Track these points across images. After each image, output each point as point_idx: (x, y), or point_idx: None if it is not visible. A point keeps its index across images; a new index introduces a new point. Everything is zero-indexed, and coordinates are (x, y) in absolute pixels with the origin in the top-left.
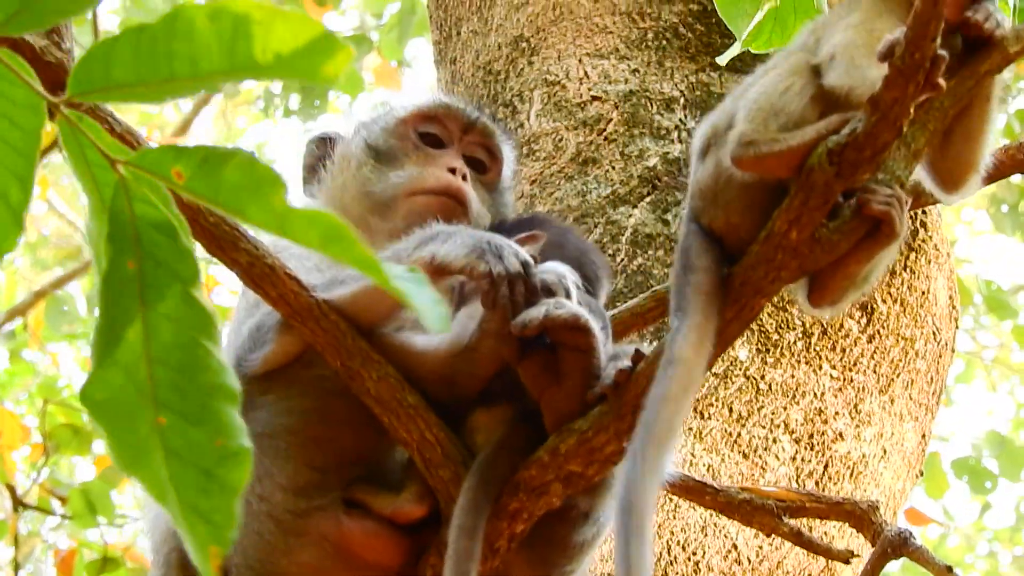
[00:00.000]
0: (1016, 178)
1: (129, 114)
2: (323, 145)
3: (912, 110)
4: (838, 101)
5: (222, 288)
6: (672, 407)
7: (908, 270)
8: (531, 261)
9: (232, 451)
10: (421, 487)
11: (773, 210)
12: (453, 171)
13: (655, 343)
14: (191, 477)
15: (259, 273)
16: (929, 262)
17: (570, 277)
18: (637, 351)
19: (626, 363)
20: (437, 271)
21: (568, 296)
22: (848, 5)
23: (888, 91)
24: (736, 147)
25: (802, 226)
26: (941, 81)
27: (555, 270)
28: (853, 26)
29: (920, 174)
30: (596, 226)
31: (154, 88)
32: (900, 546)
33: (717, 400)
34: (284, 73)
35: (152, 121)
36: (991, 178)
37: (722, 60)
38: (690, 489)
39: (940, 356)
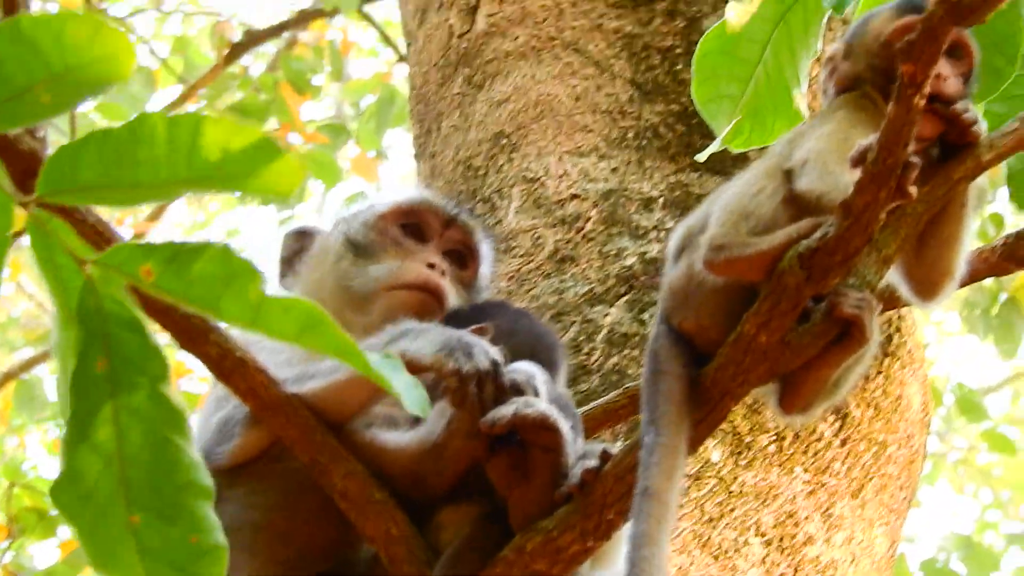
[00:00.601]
0: (988, 281)
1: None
2: (301, 238)
3: (883, 216)
4: (809, 205)
5: (192, 376)
6: (653, 547)
7: (882, 375)
8: (500, 360)
9: (207, 548)
10: None
11: (743, 313)
12: (432, 266)
13: (624, 442)
14: (167, 575)
15: (229, 366)
16: (903, 367)
17: (540, 376)
18: (604, 451)
19: (593, 463)
20: (407, 368)
21: (537, 395)
22: (823, 115)
23: (860, 196)
24: (707, 251)
25: (772, 329)
26: (912, 188)
27: (525, 369)
28: (827, 135)
29: (895, 281)
30: (572, 324)
31: (120, 193)
32: None
33: (689, 501)
34: (239, 186)
35: (126, 209)
36: (964, 282)
37: (701, 157)
38: None
39: (912, 461)
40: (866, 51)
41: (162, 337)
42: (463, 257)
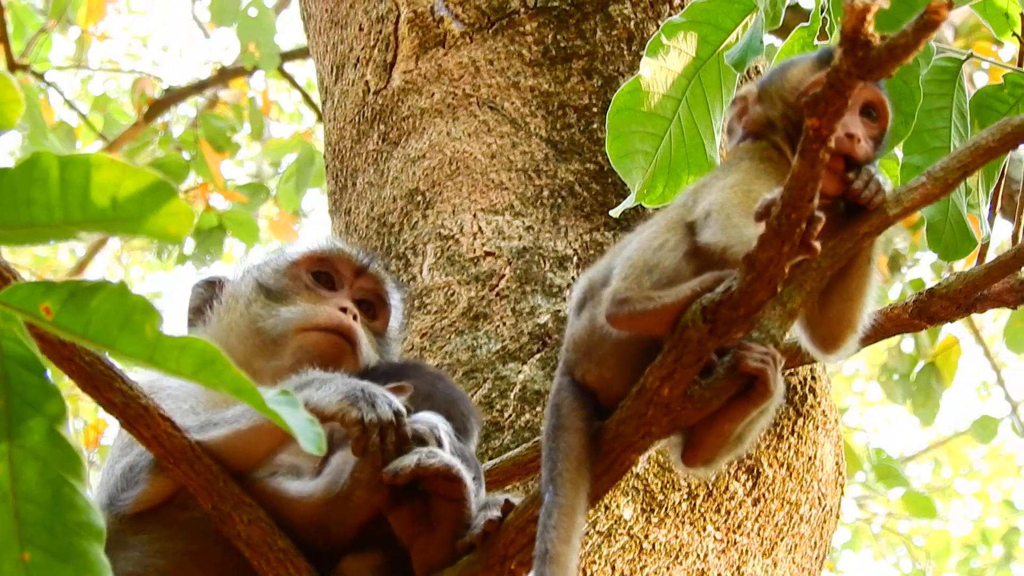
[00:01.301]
0: (907, 347)
1: (22, 256)
2: (210, 288)
3: (787, 270)
4: (713, 258)
5: (111, 430)
6: None
7: (795, 435)
8: (403, 410)
9: None
10: None
11: (646, 366)
12: (344, 310)
13: (526, 493)
14: None
15: (133, 414)
16: (817, 428)
17: (442, 427)
18: (507, 501)
19: (496, 513)
20: None
21: (440, 445)
22: (727, 167)
23: (763, 250)
24: (610, 305)
25: (675, 383)
26: (816, 243)
27: (427, 420)
28: (730, 186)
29: (797, 332)
30: (485, 381)
31: (17, 232)
32: None
33: (600, 558)
34: (129, 228)
35: (45, 264)
36: (874, 338)
37: (614, 213)
38: None
39: (825, 521)
40: (782, 98)
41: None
42: (373, 307)
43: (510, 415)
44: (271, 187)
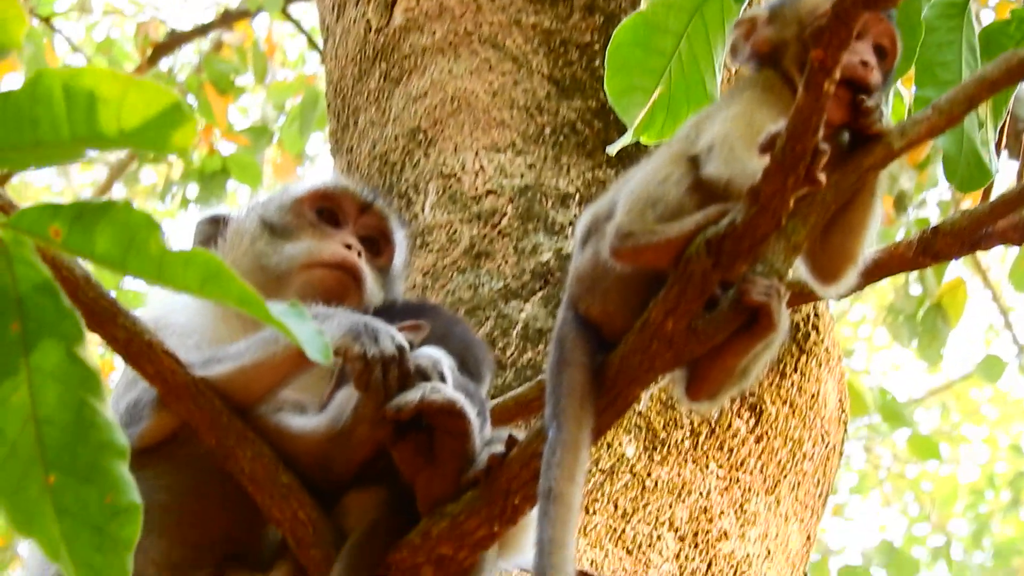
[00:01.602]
0: (914, 290)
1: (27, 202)
2: (214, 225)
3: (792, 203)
4: (716, 192)
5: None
6: (561, 552)
7: (798, 372)
8: (407, 345)
9: (123, 507)
10: (291, 567)
11: (650, 299)
12: (349, 247)
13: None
14: (83, 535)
15: (136, 350)
16: (820, 365)
17: (445, 362)
18: (511, 436)
19: (499, 448)
20: None
21: (443, 380)
22: (728, 97)
23: (768, 183)
24: (614, 239)
25: (678, 316)
26: (821, 176)
27: (430, 355)
28: (732, 118)
29: (797, 265)
30: (487, 319)
31: (24, 154)
32: None
33: (602, 496)
34: (135, 142)
35: None
36: (878, 276)
37: (612, 150)
38: None
39: (828, 459)
40: (798, 21)
41: None
42: (377, 244)
43: (512, 353)
44: (275, 131)
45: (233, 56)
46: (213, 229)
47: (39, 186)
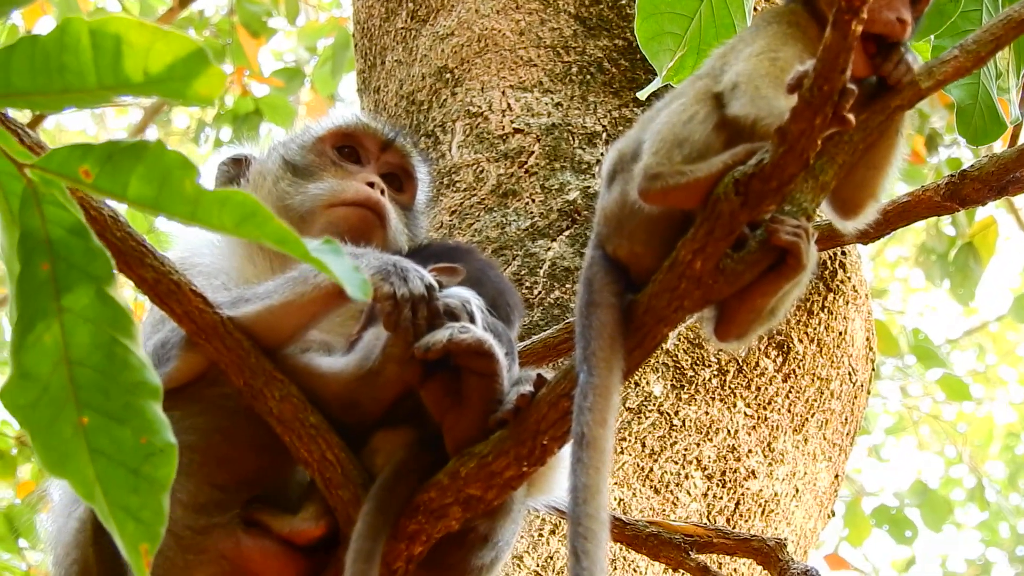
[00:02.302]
0: (947, 230)
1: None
2: (236, 165)
3: (820, 143)
4: (743, 131)
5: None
6: (596, 498)
7: (825, 310)
8: (436, 285)
9: (158, 448)
10: (319, 507)
11: (678, 240)
12: (372, 185)
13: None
14: (118, 475)
15: (165, 290)
16: (847, 303)
17: (474, 302)
18: (539, 376)
19: (528, 389)
20: (341, 291)
21: (472, 320)
22: (752, 33)
23: (795, 123)
24: (642, 180)
25: (707, 256)
26: (850, 115)
27: (459, 295)
28: (756, 54)
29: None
30: (514, 258)
31: (51, 98)
32: None
33: (630, 435)
34: (161, 91)
35: None
36: (905, 221)
37: (642, 95)
38: None
39: (855, 397)
40: None
41: None
42: (399, 180)
43: (540, 292)
44: (307, 72)
45: None
46: (236, 169)
47: (73, 130)
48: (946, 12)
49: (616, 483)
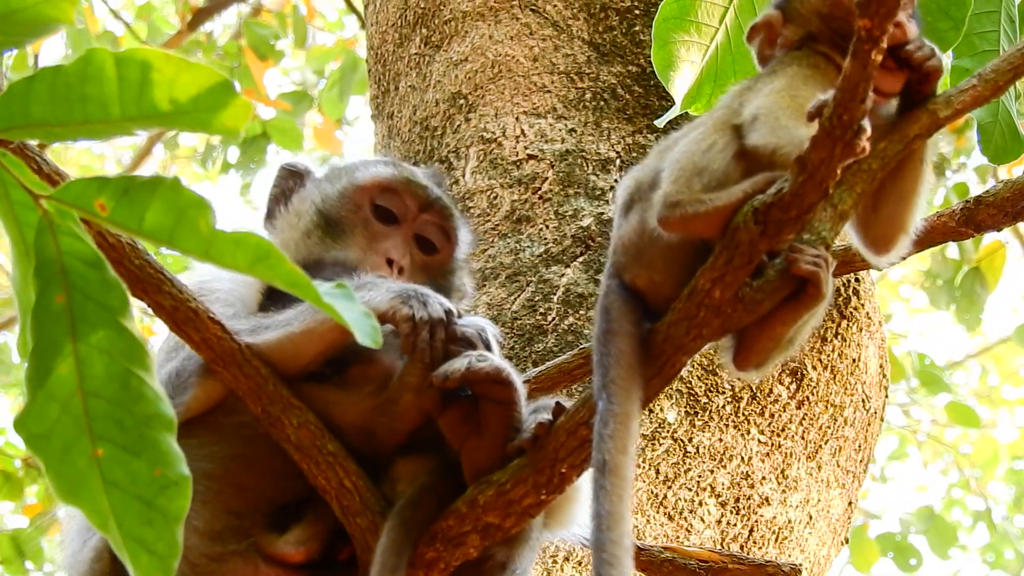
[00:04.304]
0: (952, 253)
1: (70, 167)
2: (291, 179)
3: (839, 172)
4: (762, 160)
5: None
6: (619, 525)
7: (839, 337)
8: (454, 311)
9: (172, 480)
10: (304, 531)
11: (697, 268)
12: (391, 262)
13: (577, 395)
14: (132, 507)
15: (183, 317)
16: (860, 330)
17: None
18: (558, 404)
19: (546, 416)
20: None
21: (488, 348)
22: (772, 71)
23: (815, 152)
24: (662, 208)
25: (726, 284)
26: (866, 145)
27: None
28: (777, 91)
29: (849, 235)
30: (528, 284)
31: (72, 129)
32: None
33: (644, 461)
34: (186, 123)
35: (90, 172)
36: (920, 246)
37: (660, 123)
38: None
39: (869, 424)
40: (815, 12)
41: None
42: (435, 242)
43: (553, 318)
44: (315, 95)
45: (273, 21)
46: (289, 184)
47: (79, 148)
48: (947, 39)
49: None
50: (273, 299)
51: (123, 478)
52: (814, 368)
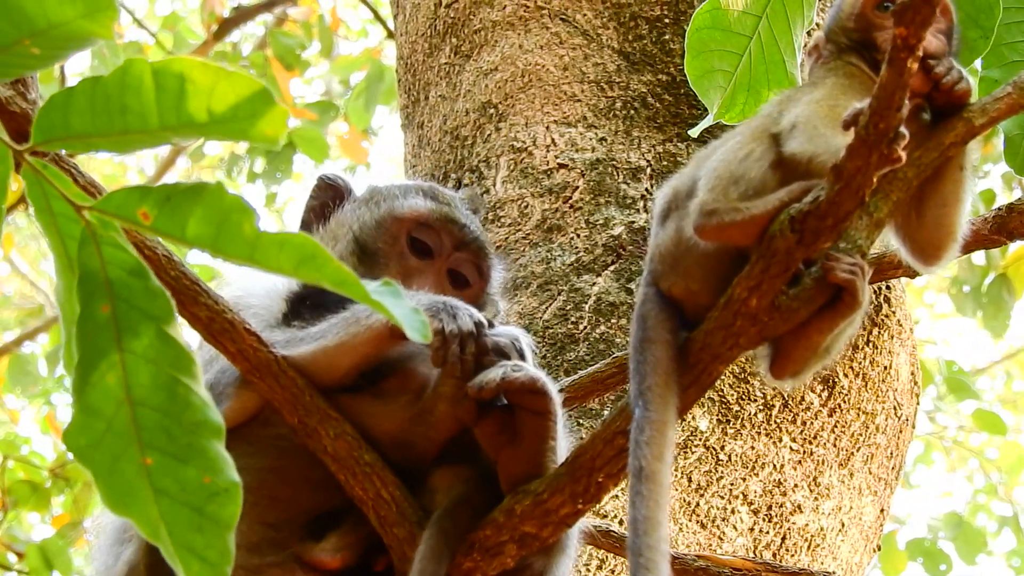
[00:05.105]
0: (978, 259)
1: (90, 172)
2: (328, 192)
3: (875, 180)
4: (799, 169)
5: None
6: (656, 531)
7: (871, 345)
8: (484, 322)
9: (222, 487)
10: (340, 539)
11: (733, 277)
12: None
13: (611, 408)
14: (182, 515)
15: (219, 328)
16: (892, 337)
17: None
18: None
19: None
20: (393, 332)
21: (522, 358)
22: (812, 83)
23: (851, 160)
24: (698, 216)
25: (762, 293)
26: (902, 153)
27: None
28: (816, 100)
29: (897, 248)
30: (560, 293)
31: (112, 140)
32: None
33: (677, 470)
34: (225, 132)
35: (116, 183)
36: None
37: (694, 132)
38: None
39: (900, 431)
40: (842, 28)
41: None
42: (468, 278)
43: (585, 327)
44: (340, 105)
45: (298, 30)
46: (327, 196)
47: (101, 158)
48: (977, 48)
49: None
50: (295, 314)
51: (172, 486)
52: (846, 375)
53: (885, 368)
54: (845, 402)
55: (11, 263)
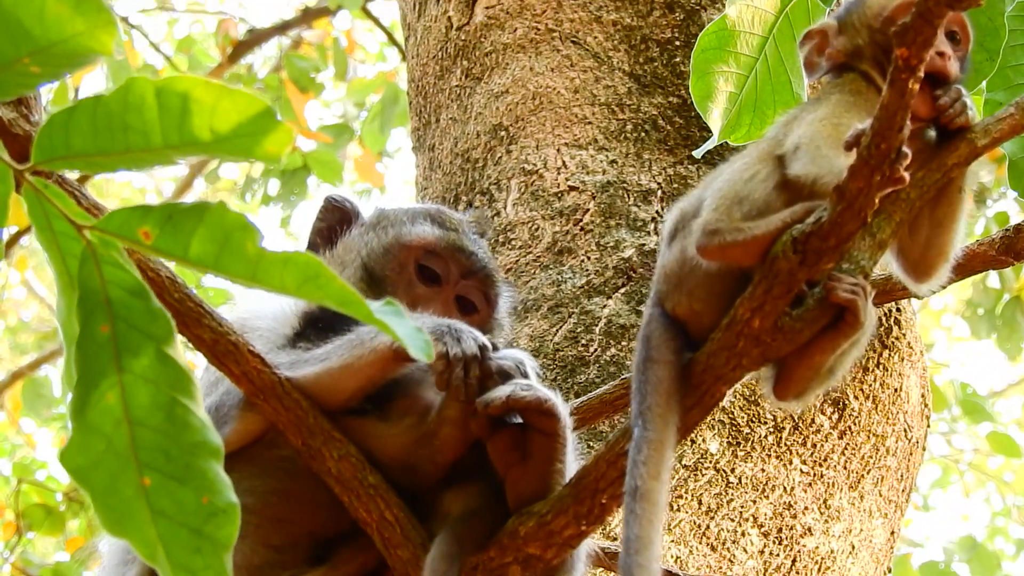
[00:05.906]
0: (992, 282)
1: (110, 199)
2: (336, 214)
3: (877, 200)
4: (803, 190)
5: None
6: (648, 550)
7: (881, 367)
8: (489, 346)
9: (220, 508)
10: (346, 561)
11: (736, 297)
12: None
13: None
14: (180, 536)
15: (223, 350)
16: (902, 360)
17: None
18: None
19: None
20: (397, 355)
21: (527, 379)
22: (816, 100)
23: (853, 181)
24: (701, 236)
25: (765, 314)
26: (905, 173)
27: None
28: (820, 119)
29: (890, 264)
30: (570, 316)
31: (113, 159)
32: None
33: (686, 492)
34: (228, 150)
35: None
36: (960, 275)
37: (698, 153)
38: None
39: (911, 453)
40: (866, 25)
41: None
42: (476, 304)
43: (595, 350)
44: (356, 128)
45: (313, 53)
46: (335, 218)
47: (120, 181)
48: (982, 70)
49: (673, 540)
50: (302, 335)
51: (170, 507)
52: (856, 398)
53: (895, 390)
54: (855, 424)
55: (28, 285)
